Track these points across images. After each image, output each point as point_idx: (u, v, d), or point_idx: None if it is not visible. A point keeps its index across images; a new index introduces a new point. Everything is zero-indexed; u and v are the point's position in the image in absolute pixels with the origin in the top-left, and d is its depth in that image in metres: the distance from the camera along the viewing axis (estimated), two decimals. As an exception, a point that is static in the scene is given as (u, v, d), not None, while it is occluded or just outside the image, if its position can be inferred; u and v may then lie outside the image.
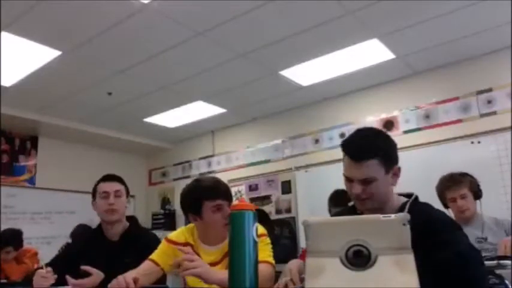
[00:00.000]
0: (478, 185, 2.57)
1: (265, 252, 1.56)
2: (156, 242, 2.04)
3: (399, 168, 1.38)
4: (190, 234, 1.75)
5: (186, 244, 1.71)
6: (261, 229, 1.64)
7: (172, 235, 1.78)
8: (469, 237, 2.45)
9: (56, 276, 1.77)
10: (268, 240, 1.63)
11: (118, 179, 2.17)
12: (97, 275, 1.76)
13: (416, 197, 1.40)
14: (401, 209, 1.34)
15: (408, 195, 1.42)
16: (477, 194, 2.55)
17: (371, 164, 1.30)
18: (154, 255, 1.73)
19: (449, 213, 2.54)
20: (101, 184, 2.13)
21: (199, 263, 1.35)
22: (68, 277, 1.68)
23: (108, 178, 2.15)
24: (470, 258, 1.16)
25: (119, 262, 1.88)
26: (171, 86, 4.55)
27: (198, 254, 1.68)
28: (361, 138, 1.37)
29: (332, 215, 1.77)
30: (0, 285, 2.87)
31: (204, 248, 1.68)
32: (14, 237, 3.61)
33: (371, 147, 1.31)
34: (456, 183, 2.53)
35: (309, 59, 4.03)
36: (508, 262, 1.85)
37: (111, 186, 2.10)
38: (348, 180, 1.36)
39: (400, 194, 1.43)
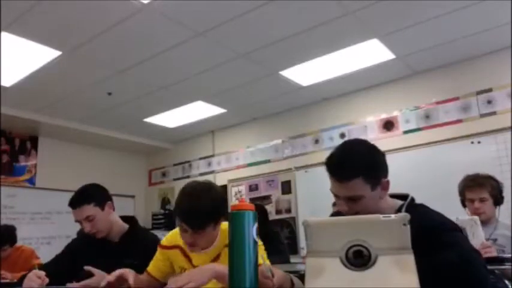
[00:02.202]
0: (501, 191, 2.50)
1: (260, 253, 1.55)
2: (156, 243, 2.03)
3: (388, 182, 1.32)
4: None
5: (174, 247, 1.69)
6: None
7: (164, 239, 1.76)
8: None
9: (47, 280, 1.74)
10: (262, 245, 1.58)
11: (84, 200, 1.95)
12: (100, 275, 1.75)
13: (412, 199, 1.38)
14: (397, 211, 1.32)
15: (403, 197, 1.40)
16: (498, 200, 2.48)
17: (355, 183, 1.26)
18: (150, 267, 1.73)
19: (466, 211, 2.53)
20: (71, 210, 1.97)
21: (184, 279, 1.25)
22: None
23: (73, 204, 1.96)
24: (472, 259, 1.16)
25: (119, 263, 1.88)
26: (171, 86, 4.55)
27: (188, 256, 1.66)
28: (343, 157, 1.31)
29: (331, 215, 1.76)
30: (0, 286, 2.87)
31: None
32: (9, 235, 3.63)
33: (353, 166, 1.26)
34: (478, 185, 2.47)
35: (309, 59, 4.04)
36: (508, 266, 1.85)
37: (80, 214, 1.95)
38: (335, 195, 1.34)
39: (395, 195, 1.40)
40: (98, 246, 2.03)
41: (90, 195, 2.01)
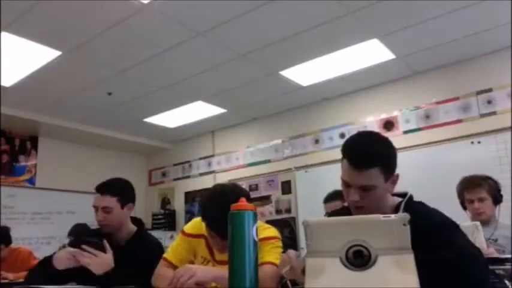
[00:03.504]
0: (499, 190, 2.51)
1: (273, 255, 1.53)
2: (160, 248, 2.03)
3: (398, 176, 1.34)
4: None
5: (200, 236, 1.68)
6: (274, 232, 1.62)
7: (188, 227, 1.74)
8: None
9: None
10: (279, 243, 1.59)
11: (110, 191, 1.97)
12: (108, 257, 1.77)
13: (411, 197, 1.38)
14: (396, 209, 1.33)
15: (402, 195, 1.40)
16: (497, 198, 2.49)
17: (372, 173, 1.26)
18: (170, 254, 1.70)
19: (466, 214, 2.54)
20: (95, 195, 1.99)
21: (190, 271, 1.32)
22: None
23: (100, 190, 1.98)
24: (472, 257, 1.15)
25: (123, 267, 1.87)
26: (171, 86, 4.55)
27: (211, 249, 1.65)
28: (363, 145, 1.32)
29: (328, 215, 1.75)
30: (0, 286, 2.88)
31: None
32: (3, 235, 3.61)
33: (373, 156, 1.27)
34: (475, 186, 2.49)
35: (309, 59, 4.03)
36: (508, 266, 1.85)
37: (100, 201, 1.96)
38: (346, 185, 1.32)
39: (394, 194, 1.40)
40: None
41: (119, 189, 2.02)
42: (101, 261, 1.76)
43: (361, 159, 1.27)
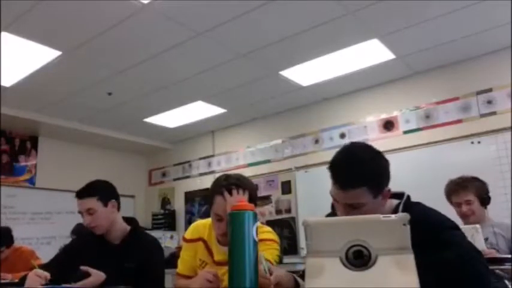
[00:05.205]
0: (487, 191, 2.51)
1: (269, 251, 1.54)
2: (157, 246, 2.03)
3: (389, 190, 1.31)
4: (205, 228, 1.70)
5: (199, 239, 1.69)
6: (273, 236, 1.63)
7: (188, 232, 1.77)
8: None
9: (49, 276, 1.75)
10: (276, 246, 1.61)
11: (89, 193, 2.01)
12: (97, 275, 1.75)
13: (408, 197, 1.37)
14: (394, 211, 1.32)
15: (398, 195, 1.39)
16: (484, 200, 2.49)
17: (357, 192, 1.23)
18: (180, 268, 1.72)
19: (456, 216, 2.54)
20: (76, 201, 2.04)
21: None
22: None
23: (79, 194, 2.02)
24: (471, 259, 1.15)
25: (119, 265, 1.87)
26: (171, 86, 4.55)
27: (210, 250, 1.66)
28: (348, 164, 1.27)
29: (327, 216, 1.74)
30: (0, 285, 2.87)
31: (217, 245, 1.65)
32: (4, 236, 3.59)
33: (359, 176, 1.23)
34: (462, 188, 2.48)
35: (309, 59, 4.04)
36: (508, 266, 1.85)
37: (82, 205, 2.00)
38: (335, 200, 1.31)
39: (391, 195, 1.38)
40: (99, 247, 2.02)
41: (96, 190, 2.04)
42: (90, 282, 1.75)
43: (345, 180, 1.24)
